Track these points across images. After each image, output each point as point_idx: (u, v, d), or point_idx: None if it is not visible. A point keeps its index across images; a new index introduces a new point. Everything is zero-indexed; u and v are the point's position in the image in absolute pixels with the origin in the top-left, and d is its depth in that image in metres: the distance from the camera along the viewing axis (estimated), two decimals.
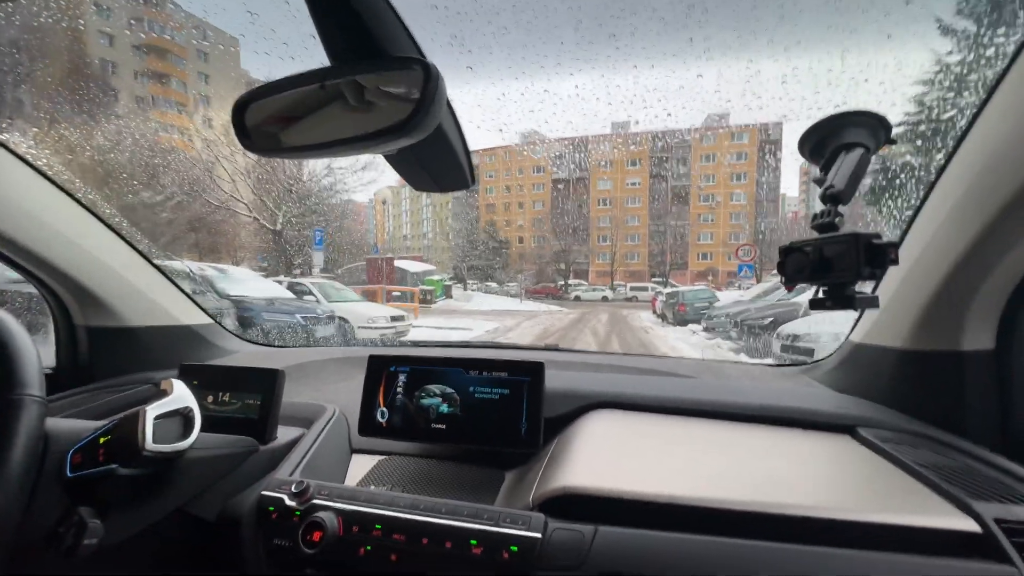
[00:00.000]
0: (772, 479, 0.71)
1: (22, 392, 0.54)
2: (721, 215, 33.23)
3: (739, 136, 31.88)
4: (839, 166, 0.66)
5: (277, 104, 0.65)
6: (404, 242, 43.54)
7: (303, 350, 1.65)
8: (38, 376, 0.57)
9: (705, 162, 34.19)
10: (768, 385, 1.22)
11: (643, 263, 34.70)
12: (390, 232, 45.33)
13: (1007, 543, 0.57)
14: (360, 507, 0.72)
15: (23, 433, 0.52)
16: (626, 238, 35.28)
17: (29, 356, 0.57)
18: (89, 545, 0.58)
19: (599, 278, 33.08)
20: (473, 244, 34.01)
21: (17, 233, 1.02)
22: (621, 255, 34.17)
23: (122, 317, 1.24)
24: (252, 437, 0.87)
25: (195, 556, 0.82)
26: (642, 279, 30.94)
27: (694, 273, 31.66)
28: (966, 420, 0.86)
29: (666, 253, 33.60)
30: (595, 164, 34.92)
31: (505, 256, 33.33)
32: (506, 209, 38.10)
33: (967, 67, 0.88)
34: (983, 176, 0.75)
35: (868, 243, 0.59)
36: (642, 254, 35.13)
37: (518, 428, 0.92)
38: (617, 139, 31.80)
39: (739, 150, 32.58)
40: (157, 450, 0.61)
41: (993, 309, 0.84)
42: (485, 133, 27.87)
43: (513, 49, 1.97)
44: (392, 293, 13.62)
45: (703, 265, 32.69)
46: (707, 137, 32.59)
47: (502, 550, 0.64)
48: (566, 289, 28.44)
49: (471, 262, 32.28)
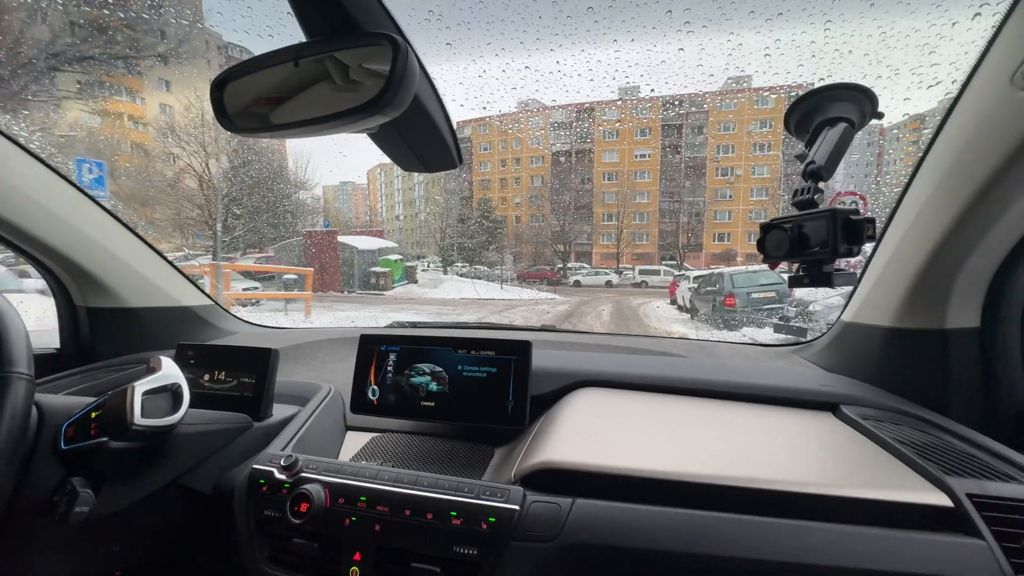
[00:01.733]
0: (751, 455, 0.72)
1: (9, 370, 0.56)
2: (741, 191, 29.13)
3: (763, 101, 26.56)
4: (821, 141, 0.65)
5: (255, 83, 0.65)
6: (396, 223, 40.63)
7: (300, 331, 1.67)
8: (26, 354, 0.59)
9: (723, 131, 29.56)
10: (758, 364, 1.22)
11: (652, 244, 31.06)
12: (383, 213, 42.59)
13: (977, 517, 0.58)
14: (346, 480, 0.74)
15: (8, 409, 0.54)
16: (634, 216, 31.43)
17: (17, 334, 0.58)
18: (80, 512, 0.60)
19: (604, 261, 30.13)
20: (465, 223, 30.82)
21: (15, 216, 1.03)
22: (628, 235, 30.89)
23: (121, 298, 1.27)
24: (247, 414, 0.89)
25: (192, 527, 0.85)
26: (651, 262, 27.69)
27: (710, 256, 28.34)
28: (950, 397, 0.86)
29: (679, 233, 29.95)
30: (600, 134, 31.03)
31: (500, 237, 29.71)
32: (502, 185, 34.50)
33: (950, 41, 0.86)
34: (963, 157, 0.75)
35: (846, 219, 0.58)
36: (651, 234, 31.23)
37: (505, 406, 0.94)
38: (624, 105, 28.52)
39: (763, 117, 27.73)
40: (145, 424, 0.63)
41: (978, 287, 0.84)
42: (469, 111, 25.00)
43: (492, 25, 1.94)
44: (282, 279, 9.95)
45: (720, 247, 29.07)
46: (726, 102, 27.64)
47: (481, 521, 0.66)
48: (564, 273, 25.36)
49: (462, 243, 29.45)
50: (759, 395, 0.93)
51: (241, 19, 2.78)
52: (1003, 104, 0.68)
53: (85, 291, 1.24)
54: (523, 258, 28.66)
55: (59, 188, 1.11)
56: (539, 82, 13.59)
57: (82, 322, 1.27)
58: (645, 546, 0.61)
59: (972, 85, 0.74)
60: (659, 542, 0.61)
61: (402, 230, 38.47)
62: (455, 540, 0.66)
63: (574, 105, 27.72)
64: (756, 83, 24.03)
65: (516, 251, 29.05)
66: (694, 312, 8.94)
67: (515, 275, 23.56)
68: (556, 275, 25.06)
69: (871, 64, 1.72)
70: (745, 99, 26.95)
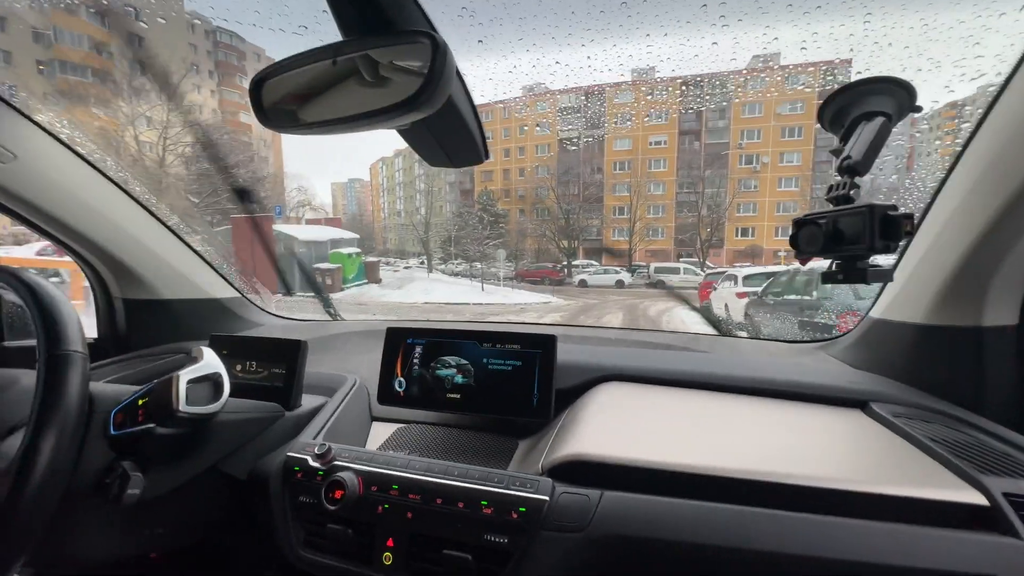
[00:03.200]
0: (778, 451, 0.72)
1: (68, 348, 0.59)
2: (767, 181, 25.38)
3: (794, 79, 22.44)
4: (858, 136, 0.64)
5: (292, 81, 0.66)
6: (397, 219, 37.38)
7: (326, 323, 1.70)
8: (80, 334, 0.62)
9: (749, 114, 25.73)
10: (783, 360, 1.21)
11: (668, 240, 27.66)
12: (385, 208, 39.53)
13: (1014, 516, 0.57)
14: (379, 469, 0.76)
15: (74, 383, 0.57)
16: (648, 209, 27.89)
17: (71, 318, 0.61)
18: (132, 495, 0.63)
19: (614, 259, 26.52)
20: (462, 217, 27.93)
21: (58, 211, 1.08)
22: (641, 229, 27.43)
23: (156, 290, 1.31)
24: (278, 403, 0.92)
25: (229, 512, 0.88)
26: (667, 259, 25.06)
27: (732, 252, 25.09)
28: (985, 396, 0.85)
29: (699, 227, 26.21)
30: (611, 120, 26.46)
31: (499, 232, 26.66)
32: (505, 176, 31.04)
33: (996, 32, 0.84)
34: (1006, 150, 0.73)
35: (884, 215, 0.58)
36: (667, 229, 27.78)
37: (530, 399, 0.95)
38: (638, 88, 23.98)
39: (794, 98, 23.89)
40: (190, 411, 0.66)
41: (1017, 284, 0.82)
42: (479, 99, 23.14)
43: (524, 20, 1.91)
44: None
45: (743, 243, 25.56)
46: (752, 81, 22.72)
47: (511, 511, 0.67)
48: (569, 271, 22.11)
49: (460, 237, 26.37)
50: (785, 391, 0.92)
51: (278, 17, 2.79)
52: None
53: (122, 284, 1.29)
54: (526, 255, 26.09)
55: (99, 184, 1.15)
56: (568, 77, 13.18)
57: (119, 313, 1.32)
58: (674, 538, 0.61)
59: (1013, 82, 0.72)
60: (687, 534, 0.61)
61: (403, 226, 36.20)
62: (486, 528, 0.68)
63: (582, 87, 23.79)
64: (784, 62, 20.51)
65: (517, 247, 26.44)
66: (753, 327, 5.90)
67: (514, 274, 21.48)
68: (559, 273, 21.98)
69: (911, 57, 1.66)
70: (773, 79, 22.58)
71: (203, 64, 28.31)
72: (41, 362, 0.57)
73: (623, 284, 19.22)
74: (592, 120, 25.65)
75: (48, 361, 0.57)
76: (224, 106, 29.07)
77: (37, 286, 0.61)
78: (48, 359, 0.57)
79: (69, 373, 0.56)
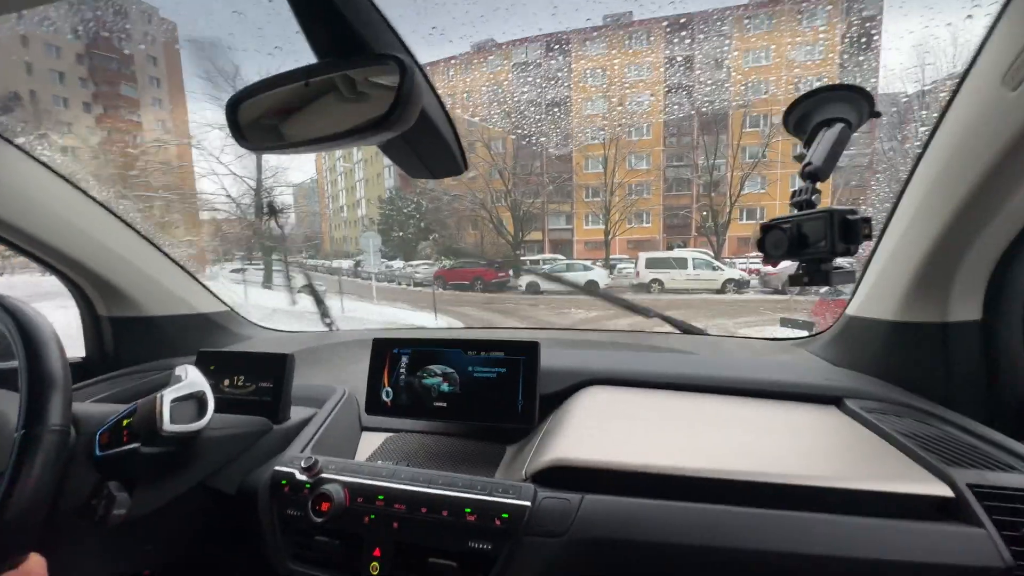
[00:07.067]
0: (756, 449, 0.74)
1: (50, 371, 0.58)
2: (778, 150, 18.07)
3: (810, 16, 16.56)
4: (818, 143, 0.66)
5: (267, 101, 0.68)
6: (340, 214, 29.47)
7: (314, 334, 1.71)
8: (61, 360, 0.61)
9: (754, 62, 17.81)
10: (765, 359, 1.23)
11: (655, 227, 21.74)
12: (329, 205, 30.65)
13: (978, 506, 0.59)
14: (364, 480, 0.77)
15: (55, 411, 0.57)
16: (629, 189, 21.10)
17: (52, 340, 0.61)
18: (118, 515, 0.64)
19: (589, 251, 20.93)
20: (397, 208, 21.56)
21: (40, 231, 1.08)
22: (620, 215, 20.67)
23: (142, 307, 1.31)
24: (266, 417, 0.92)
25: (218, 527, 0.89)
26: (654, 250, 18.88)
27: (735, 239, 19.41)
28: (953, 390, 0.87)
29: (694, 207, 20.28)
30: (579, 77, 18.67)
31: (415, 225, 20.45)
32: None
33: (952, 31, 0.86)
34: (960, 151, 0.76)
35: (843, 219, 0.60)
36: (653, 212, 21.64)
37: (515, 405, 0.96)
38: (613, 36, 18.19)
39: (811, 40, 16.45)
40: (174, 430, 0.67)
41: (979, 281, 0.85)
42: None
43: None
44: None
45: (748, 228, 19.65)
46: (756, 20, 17.57)
47: (494, 517, 0.68)
48: (515, 270, 15.24)
49: (392, 231, 20.65)
50: (765, 390, 0.94)
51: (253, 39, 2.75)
52: (995, 103, 0.69)
53: (108, 302, 1.29)
54: (463, 250, 18.58)
55: (82, 203, 1.16)
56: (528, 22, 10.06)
57: (105, 331, 1.32)
58: (653, 539, 0.63)
59: (966, 85, 0.75)
60: (667, 535, 0.63)
61: (346, 223, 28.92)
62: (470, 535, 0.69)
63: (541, 37, 17.83)
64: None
65: (447, 240, 19.60)
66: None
67: (433, 275, 15.11)
68: (497, 273, 15.16)
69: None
70: (784, 13, 16.94)
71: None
72: (23, 389, 0.57)
73: (596, 288, 11.45)
74: (553, 77, 18.24)
75: (31, 387, 0.57)
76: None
77: (17, 311, 0.62)
78: (30, 385, 0.57)
79: (51, 398, 0.57)
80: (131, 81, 21.25)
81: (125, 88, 20.93)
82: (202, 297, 1.48)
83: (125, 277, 1.27)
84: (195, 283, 1.46)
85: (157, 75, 22.11)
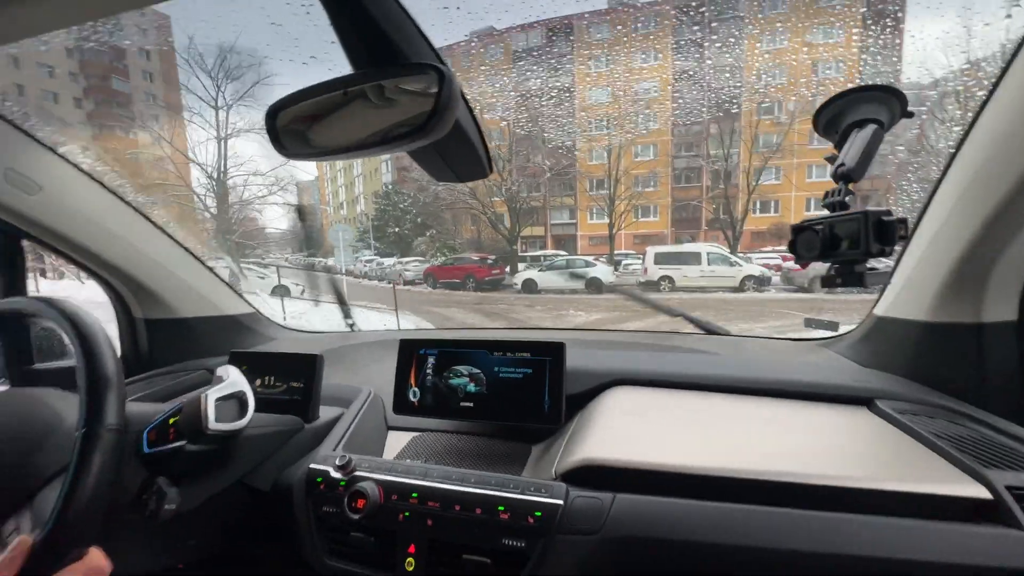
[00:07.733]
0: (786, 450, 0.74)
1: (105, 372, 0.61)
2: (795, 136, 16.64)
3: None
4: (851, 144, 0.66)
5: (305, 110, 0.70)
6: (340, 211, 29.97)
7: (339, 335, 1.74)
8: (115, 362, 0.64)
9: (769, 44, 16.02)
10: (790, 360, 1.23)
11: (663, 220, 20.59)
12: (330, 201, 31.34)
13: (1017, 509, 0.59)
14: (398, 478, 0.79)
15: (111, 408, 0.59)
16: (635, 181, 19.62)
17: (106, 343, 0.64)
18: (169, 510, 0.67)
19: (594, 247, 19.98)
20: (393, 203, 21.54)
21: (83, 238, 1.12)
22: (626, 208, 19.07)
23: (175, 309, 1.36)
24: (297, 416, 0.95)
25: (253, 522, 0.91)
26: (661, 244, 17.76)
27: (749, 233, 17.89)
28: (987, 391, 0.86)
29: (705, 201, 19.08)
30: (583, 65, 17.92)
31: (440, 218, 19.83)
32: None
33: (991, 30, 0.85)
34: (1000, 148, 0.74)
35: (878, 220, 0.60)
36: (661, 206, 20.42)
37: (541, 405, 0.97)
38: (618, 19, 17.40)
39: (830, 20, 13.85)
40: (219, 428, 0.70)
41: (1015, 281, 0.83)
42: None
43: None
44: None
45: (765, 221, 18.31)
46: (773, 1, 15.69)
47: (527, 515, 0.70)
48: (511, 268, 15.08)
49: (389, 228, 20.65)
50: (792, 391, 0.94)
51: (292, 49, 2.81)
52: None
53: (144, 304, 1.33)
54: (459, 247, 18.39)
55: (117, 208, 1.20)
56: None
57: (140, 333, 1.37)
58: (685, 538, 0.64)
59: (1004, 83, 0.73)
60: (698, 534, 0.63)
61: (345, 220, 28.70)
62: (503, 533, 0.70)
63: (543, 22, 17.21)
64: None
65: (444, 235, 19.15)
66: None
67: (423, 273, 14.80)
68: (491, 269, 14.48)
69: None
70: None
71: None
72: (82, 389, 0.60)
73: (600, 285, 11.85)
74: (555, 65, 17.22)
75: (89, 388, 0.60)
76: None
77: (75, 315, 0.64)
78: (89, 386, 0.60)
79: (108, 398, 0.59)
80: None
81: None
82: (229, 299, 1.52)
83: (159, 281, 1.31)
84: (223, 285, 1.50)
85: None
